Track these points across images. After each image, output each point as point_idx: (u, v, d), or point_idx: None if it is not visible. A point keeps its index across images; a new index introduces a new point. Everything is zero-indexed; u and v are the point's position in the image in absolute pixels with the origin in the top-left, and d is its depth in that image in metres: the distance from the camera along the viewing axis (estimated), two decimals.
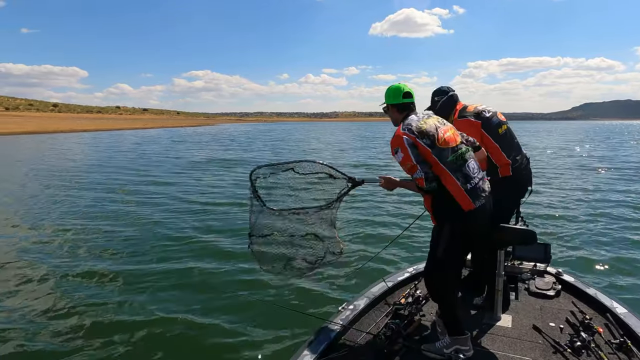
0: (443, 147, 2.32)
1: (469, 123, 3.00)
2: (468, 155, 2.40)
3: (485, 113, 3.06)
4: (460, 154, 2.36)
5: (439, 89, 3.28)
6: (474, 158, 2.45)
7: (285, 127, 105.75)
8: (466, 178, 2.32)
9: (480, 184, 2.38)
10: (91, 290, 4.74)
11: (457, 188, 2.29)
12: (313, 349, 2.44)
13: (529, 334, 2.71)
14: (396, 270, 3.74)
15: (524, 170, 3.09)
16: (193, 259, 5.77)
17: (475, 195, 2.32)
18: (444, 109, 3.20)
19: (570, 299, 3.18)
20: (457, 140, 2.42)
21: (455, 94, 3.25)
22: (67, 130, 57.04)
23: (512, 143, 3.10)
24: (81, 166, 17.43)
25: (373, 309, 3.06)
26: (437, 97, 3.26)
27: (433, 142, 2.31)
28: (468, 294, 3.26)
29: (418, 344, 2.57)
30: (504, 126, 3.09)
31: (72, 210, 8.81)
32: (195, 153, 24.44)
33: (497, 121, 3.06)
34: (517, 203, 3.19)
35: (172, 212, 8.76)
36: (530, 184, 3.18)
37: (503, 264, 2.84)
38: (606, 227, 7.43)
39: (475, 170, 2.39)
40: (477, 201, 2.31)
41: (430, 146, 2.30)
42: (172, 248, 6.23)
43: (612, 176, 14.16)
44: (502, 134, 3.04)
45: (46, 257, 5.78)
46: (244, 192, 10.60)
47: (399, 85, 2.54)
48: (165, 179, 13.62)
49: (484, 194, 2.37)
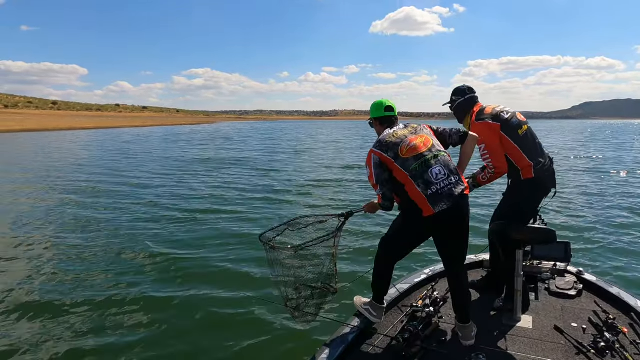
0: (407, 156, 2.48)
1: (487, 126, 2.92)
2: (435, 161, 2.48)
3: (504, 114, 2.98)
4: (423, 161, 2.46)
5: (458, 89, 3.21)
6: (442, 163, 2.49)
7: (284, 126, 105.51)
8: (427, 184, 2.42)
9: (446, 189, 2.43)
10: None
11: (418, 194, 2.42)
12: (330, 353, 2.43)
13: (550, 335, 2.65)
14: (412, 272, 3.66)
15: (546, 171, 2.98)
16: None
17: (436, 201, 2.39)
18: (460, 109, 3.18)
19: (593, 299, 3.10)
20: (425, 147, 2.52)
21: (474, 95, 3.17)
22: (66, 128, 57.03)
23: (534, 144, 3.00)
24: (60, 166, 16.67)
25: (390, 312, 3.01)
26: (455, 96, 3.21)
27: (396, 153, 2.50)
28: (487, 296, 3.20)
29: (436, 347, 2.53)
30: (524, 127, 3.00)
31: (29, 213, 8.35)
32: (183, 153, 23.67)
33: (516, 122, 2.98)
34: (538, 206, 3.09)
35: (137, 218, 8.03)
36: (554, 185, 3.07)
37: (522, 264, 2.79)
38: (628, 225, 7.33)
39: (440, 176, 2.45)
40: (437, 206, 2.38)
41: (394, 158, 2.49)
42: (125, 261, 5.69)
43: (632, 178, 13.82)
44: (522, 135, 2.96)
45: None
46: (221, 194, 10.54)
47: (382, 100, 2.79)
48: (141, 180, 12.94)
49: (451, 197, 2.41)
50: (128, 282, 4.92)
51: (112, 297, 4.51)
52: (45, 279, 4.98)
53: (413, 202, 2.44)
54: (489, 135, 2.89)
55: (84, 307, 4.29)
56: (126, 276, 5.09)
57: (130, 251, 6.01)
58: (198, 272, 5.25)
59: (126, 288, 4.74)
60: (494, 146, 2.91)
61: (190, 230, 7.14)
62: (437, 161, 2.49)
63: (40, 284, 4.83)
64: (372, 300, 2.80)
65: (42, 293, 4.59)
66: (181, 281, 4.98)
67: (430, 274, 3.50)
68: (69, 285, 4.80)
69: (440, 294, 3.17)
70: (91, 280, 4.96)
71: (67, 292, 4.61)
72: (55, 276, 5.07)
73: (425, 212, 2.40)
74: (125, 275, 5.13)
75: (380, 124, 2.76)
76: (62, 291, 4.65)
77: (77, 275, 5.08)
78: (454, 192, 2.44)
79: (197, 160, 19.43)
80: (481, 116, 2.99)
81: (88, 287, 4.77)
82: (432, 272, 3.52)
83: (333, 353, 2.42)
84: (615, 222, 7.65)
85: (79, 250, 6.01)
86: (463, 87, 3.19)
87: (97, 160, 19.16)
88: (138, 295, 4.56)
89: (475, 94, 3.18)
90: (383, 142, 2.56)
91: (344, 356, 2.46)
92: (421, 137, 2.58)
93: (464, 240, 2.56)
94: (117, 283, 4.89)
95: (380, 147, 2.55)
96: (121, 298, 4.49)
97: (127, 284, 4.87)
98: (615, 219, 7.88)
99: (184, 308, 4.31)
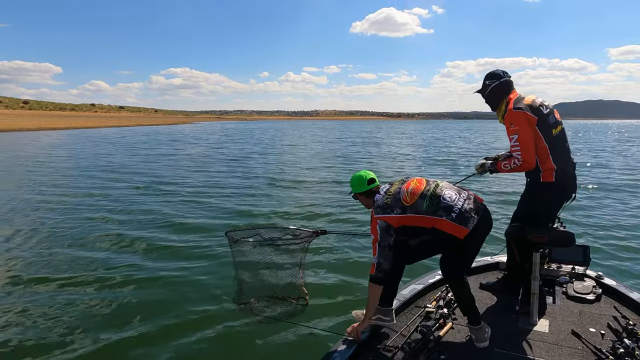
0: (413, 202, 2.46)
1: (524, 117, 2.74)
2: (439, 189, 2.49)
3: (543, 109, 2.81)
4: (430, 195, 2.46)
5: (492, 72, 3.01)
6: (447, 187, 2.52)
7: (262, 126, 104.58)
8: (447, 210, 2.41)
9: (465, 205, 2.44)
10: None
11: (446, 223, 2.40)
12: (343, 351, 2.43)
13: (567, 340, 2.58)
14: (427, 273, 3.59)
15: (568, 177, 2.88)
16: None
17: (464, 220, 2.39)
18: (494, 94, 2.98)
19: (612, 304, 3.02)
20: (423, 185, 2.53)
21: (509, 79, 2.96)
22: (34, 128, 54.56)
23: (563, 147, 2.87)
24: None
25: (403, 312, 3.00)
26: (488, 80, 3.00)
27: (403, 206, 2.48)
28: (503, 298, 3.16)
29: (449, 348, 2.51)
30: (558, 127, 2.86)
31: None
32: (123, 158, 20.59)
33: (553, 120, 2.84)
34: (556, 210, 3.00)
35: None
36: (574, 190, 2.97)
37: (539, 267, 2.73)
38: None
39: (454, 197, 2.46)
40: (468, 224, 2.38)
41: (402, 211, 2.47)
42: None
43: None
44: (555, 136, 2.82)
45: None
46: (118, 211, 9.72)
47: (361, 174, 2.72)
48: (60, 188, 11.47)
49: (473, 212, 2.43)
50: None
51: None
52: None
53: (448, 234, 2.41)
54: (524, 127, 2.74)
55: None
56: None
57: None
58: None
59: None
60: (528, 139, 2.74)
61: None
62: (440, 188, 2.50)
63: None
64: (379, 306, 2.72)
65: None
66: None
67: None
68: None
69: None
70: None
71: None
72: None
73: (461, 235, 2.39)
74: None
75: (366, 197, 2.71)
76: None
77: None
78: (473, 207, 2.45)
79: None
80: (519, 105, 2.80)
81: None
82: None
83: (346, 351, 2.43)
84: (637, 225, 7.41)
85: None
86: (497, 70, 3.00)
87: (25, 165, 17.21)
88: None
89: (510, 77, 2.97)
90: (383, 206, 2.53)
91: (357, 354, 2.46)
92: (412, 180, 2.60)
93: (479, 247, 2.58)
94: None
95: (382, 211, 2.52)
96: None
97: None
98: (637, 222, 7.65)
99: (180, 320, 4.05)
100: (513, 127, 2.74)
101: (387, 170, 16.40)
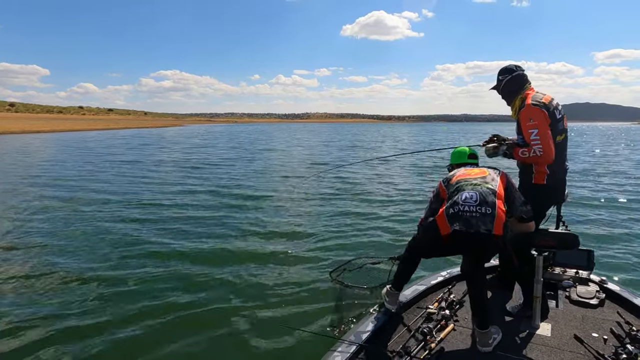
0: (452, 183, 2.74)
1: (543, 114, 2.79)
2: (471, 187, 2.59)
3: (557, 113, 2.87)
4: (459, 186, 2.65)
5: (504, 68, 3.05)
6: (477, 192, 2.54)
7: (249, 129, 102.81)
8: (452, 204, 2.55)
9: (468, 214, 2.46)
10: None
11: (441, 213, 2.57)
12: (343, 350, 2.44)
13: (569, 344, 2.58)
14: (429, 274, 3.63)
15: (558, 181, 2.97)
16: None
17: (455, 219, 2.47)
18: (508, 89, 3.00)
19: (616, 309, 3.01)
20: (472, 176, 2.71)
21: (522, 73, 2.98)
22: (18, 131, 53.28)
23: (561, 154, 2.93)
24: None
25: (405, 312, 3.02)
26: (501, 76, 3.03)
27: (448, 180, 2.81)
28: (502, 299, 3.16)
29: (449, 350, 2.52)
30: (563, 134, 2.93)
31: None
32: (66, 166, 17.70)
33: (561, 127, 2.90)
34: (545, 210, 3.09)
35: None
36: (563, 193, 3.08)
37: (541, 270, 2.70)
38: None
39: (468, 199, 2.51)
40: (454, 224, 2.46)
41: (446, 186, 2.80)
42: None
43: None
44: (558, 142, 2.86)
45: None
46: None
47: (465, 149, 3.15)
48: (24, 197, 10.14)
49: (468, 223, 2.44)
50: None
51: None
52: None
53: (434, 220, 2.61)
54: (542, 122, 2.78)
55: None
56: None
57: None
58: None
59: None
60: (547, 134, 2.78)
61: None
62: (473, 188, 2.57)
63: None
64: (389, 287, 2.95)
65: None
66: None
67: (447, 276, 3.48)
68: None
69: (457, 297, 3.15)
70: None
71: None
72: None
73: (442, 231, 2.51)
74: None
75: (452, 168, 3.10)
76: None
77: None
78: (474, 222, 2.43)
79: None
80: (539, 101, 2.84)
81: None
82: (449, 274, 3.50)
83: (347, 351, 2.42)
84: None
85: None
86: (510, 65, 3.03)
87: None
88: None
89: (524, 71, 2.99)
90: (446, 176, 2.89)
91: (356, 355, 2.45)
92: (481, 170, 2.77)
93: (482, 263, 2.67)
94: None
95: (443, 180, 2.86)
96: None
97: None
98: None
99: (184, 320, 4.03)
100: (532, 122, 2.77)
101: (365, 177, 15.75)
